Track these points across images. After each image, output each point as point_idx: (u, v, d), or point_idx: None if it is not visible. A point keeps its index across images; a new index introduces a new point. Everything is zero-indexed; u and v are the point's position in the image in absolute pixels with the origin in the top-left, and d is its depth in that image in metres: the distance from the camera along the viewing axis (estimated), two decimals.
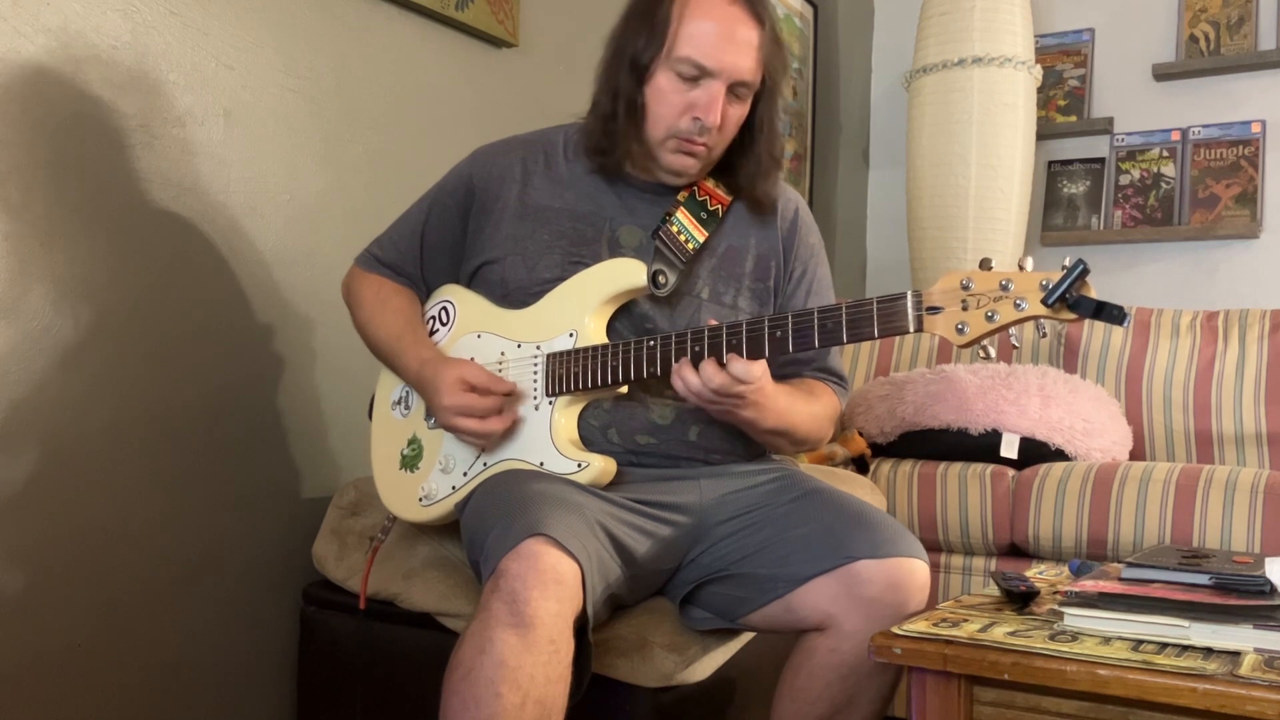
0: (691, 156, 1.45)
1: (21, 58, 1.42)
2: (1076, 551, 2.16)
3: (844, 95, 3.75)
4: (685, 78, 1.40)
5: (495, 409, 1.41)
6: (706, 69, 1.39)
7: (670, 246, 1.46)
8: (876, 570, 1.32)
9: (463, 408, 1.40)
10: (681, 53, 1.39)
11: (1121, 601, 1.13)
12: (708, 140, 1.43)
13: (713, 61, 1.39)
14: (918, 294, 1.23)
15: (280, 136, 1.76)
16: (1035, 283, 1.16)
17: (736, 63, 1.40)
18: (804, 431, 1.47)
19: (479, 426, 1.40)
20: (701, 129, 1.41)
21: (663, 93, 1.42)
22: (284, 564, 1.77)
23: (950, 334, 1.21)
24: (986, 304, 1.19)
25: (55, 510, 1.46)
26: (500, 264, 1.49)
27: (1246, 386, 2.48)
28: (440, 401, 1.41)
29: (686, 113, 1.41)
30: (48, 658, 1.45)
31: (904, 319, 1.23)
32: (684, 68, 1.39)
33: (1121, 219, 3.44)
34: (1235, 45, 3.32)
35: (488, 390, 1.41)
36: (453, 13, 2.04)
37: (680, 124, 1.42)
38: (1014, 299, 1.18)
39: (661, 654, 1.39)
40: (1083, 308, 1.15)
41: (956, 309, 1.21)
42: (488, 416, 1.41)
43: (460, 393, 1.40)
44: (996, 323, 1.19)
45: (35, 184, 1.44)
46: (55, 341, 1.46)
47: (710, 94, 1.40)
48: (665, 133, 1.43)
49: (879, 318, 1.24)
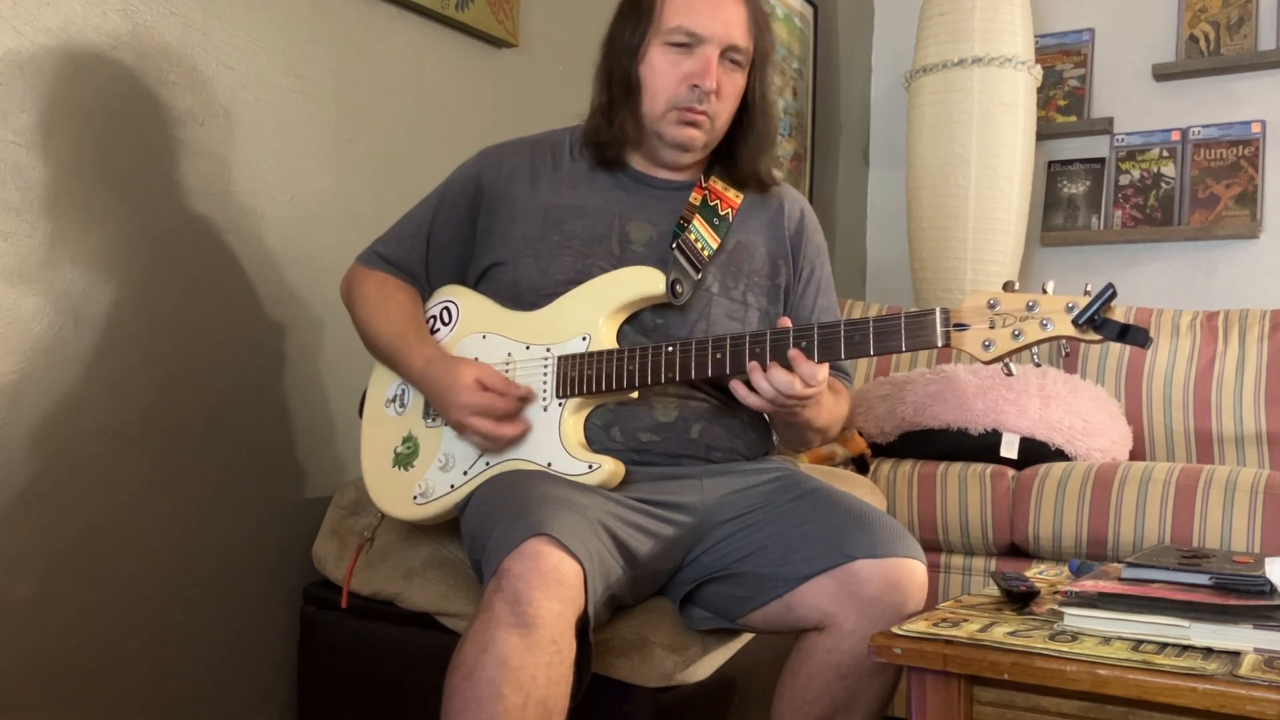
0: (694, 127, 1.47)
1: (22, 58, 1.42)
2: (1076, 551, 2.16)
3: (844, 95, 3.75)
4: (678, 46, 1.44)
5: (512, 412, 1.42)
6: (698, 35, 1.43)
7: (689, 255, 1.47)
8: (875, 570, 1.32)
9: (482, 407, 1.40)
10: (671, 23, 1.43)
11: (1121, 601, 1.13)
12: (708, 108, 1.45)
13: (703, 27, 1.42)
14: (946, 311, 1.27)
15: (280, 136, 1.76)
16: (1061, 305, 1.21)
17: (727, 28, 1.43)
18: (836, 428, 1.53)
19: (494, 429, 1.40)
20: (700, 95, 1.44)
21: (657, 67, 1.45)
22: (284, 564, 1.77)
23: (976, 351, 1.25)
24: (1013, 323, 1.24)
25: (55, 510, 1.46)
26: (512, 265, 1.50)
27: (1246, 386, 2.48)
28: (457, 399, 1.41)
29: (684, 82, 1.44)
30: (48, 657, 1.45)
31: (932, 334, 1.26)
32: (676, 36, 1.43)
33: (1121, 219, 3.44)
34: (1235, 45, 3.32)
35: (503, 392, 1.41)
36: (453, 13, 2.04)
37: (679, 94, 1.44)
38: (1040, 319, 1.22)
39: (661, 654, 1.39)
40: (1109, 330, 1.19)
41: (983, 327, 1.25)
42: (503, 420, 1.41)
43: (479, 392, 1.40)
44: (1022, 341, 1.23)
45: (35, 185, 1.44)
46: (55, 342, 1.46)
47: (705, 59, 1.43)
48: (665, 105, 1.46)
49: (907, 332, 1.28)
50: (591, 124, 1.52)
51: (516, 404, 1.42)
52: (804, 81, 3.48)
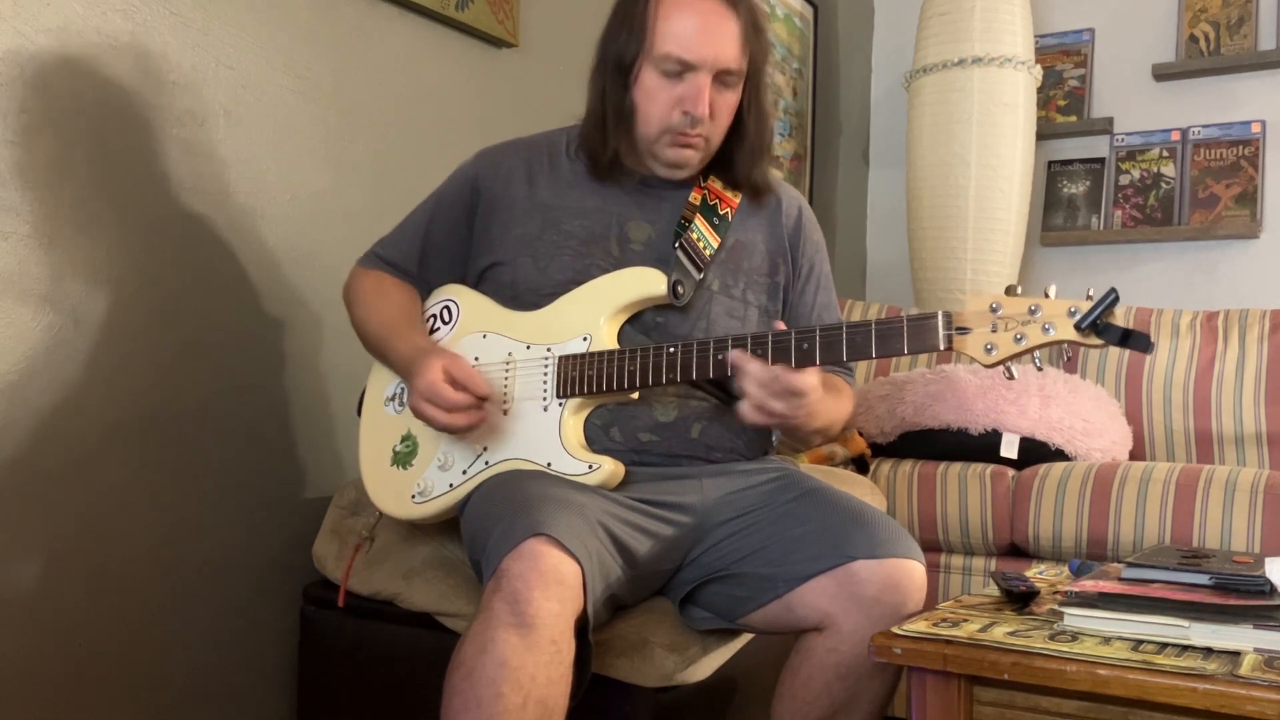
0: (688, 149, 1.46)
1: (22, 58, 1.42)
2: (1076, 551, 2.16)
3: (844, 95, 3.75)
4: (670, 74, 1.42)
5: (464, 405, 1.39)
6: (689, 63, 1.41)
7: (691, 255, 1.47)
8: (874, 570, 1.32)
9: (431, 394, 1.38)
10: (662, 50, 1.41)
11: (1121, 601, 1.13)
12: (702, 131, 1.45)
13: (694, 55, 1.40)
14: (948, 314, 1.26)
15: (280, 136, 1.76)
16: (1063, 309, 1.21)
17: (717, 53, 1.41)
18: (837, 428, 1.52)
19: (445, 419, 1.39)
20: (693, 121, 1.43)
21: (650, 91, 1.43)
22: (284, 564, 1.77)
23: (979, 354, 1.25)
24: (1015, 327, 1.24)
25: (56, 510, 1.46)
26: (510, 265, 1.50)
27: (1246, 386, 2.48)
28: (416, 385, 1.40)
29: (676, 107, 1.43)
30: (48, 657, 1.45)
31: (934, 337, 1.26)
32: (667, 65, 1.42)
33: (1121, 219, 3.44)
34: (1235, 45, 3.32)
35: (463, 386, 1.40)
36: (453, 13, 2.04)
37: (672, 119, 1.44)
38: (1042, 323, 1.22)
39: (661, 654, 1.39)
40: (1110, 335, 1.19)
41: (985, 330, 1.25)
42: (455, 411, 1.39)
43: (437, 380, 1.38)
44: (1024, 345, 1.23)
45: (35, 185, 1.44)
46: (55, 342, 1.46)
47: (696, 86, 1.41)
48: (659, 129, 1.45)
49: (909, 335, 1.27)
50: (586, 133, 1.51)
51: (466, 398, 1.39)
52: (804, 81, 3.48)
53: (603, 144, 1.48)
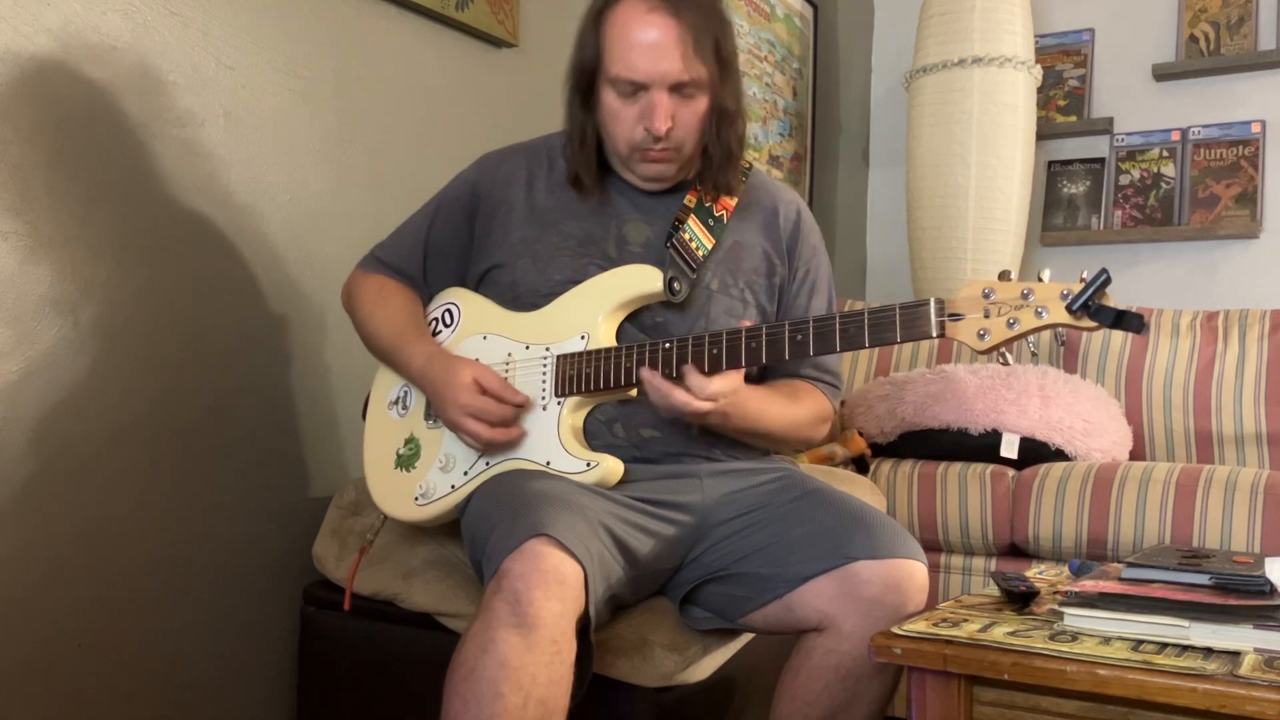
0: (659, 163, 1.46)
1: (22, 58, 1.42)
2: (1076, 551, 2.16)
3: (844, 95, 3.75)
4: (625, 95, 1.41)
5: (508, 419, 1.42)
6: (638, 83, 1.40)
7: (683, 254, 1.47)
8: (875, 571, 1.32)
9: (478, 410, 1.40)
10: (613, 73, 1.41)
11: (1121, 601, 1.13)
12: (668, 144, 1.43)
13: (641, 74, 1.39)
14: (940, 301, 1.26)
15: (280, 136, 1.76)
16: (1056, 292, 1.21)
17: (664, 69, 1.39)
18: (780, 434, 1.50)
19: (488, 434, 1.40)
20: (655, 138, 1.42)
21: (613, 111, 1.43)
22: (284, 564, 1.77)
23: (972, 340, 1.24)
24: (1008, 312, 1.23)
25: (56, 510, 1.46)
26: (510, 267, 1.50)
27: (1246, 386, 2.48)
28: (454, 398, 1.41)
29: (638, 124, 1.42)
30: (49, 657, 1.45)
31: (927, 324, 1.26)
32: (620, 86, 1.41)
33: (1121, 219, 3.44)
34: (1235, 45, 3.32)
35: (500, 397, 1.41)
36: (453, 13, 2.04)
37: (635, 137, 1.43)
38: (1035, 307, 1.22)
39: (661, 654, 1.39)
40: (1103, 316, 1.19)
41: (978, 316, 1.24)
42: (497, 426, 1.41)
43: (476, 394, 1.40)
44: (1017, 330, 1.22)
45: (35, 185, 1.44)
46: (55, 342, 1.46)
47: (651, 103, 1.40)
48: (626, 148, 1.45)
49: (902, 323, 1.27)
50: (568, 155, 1.51)
51: (513, 411, 1.42)
52: (804, 81, 3.48)
53: (583, 163, 1.48)
